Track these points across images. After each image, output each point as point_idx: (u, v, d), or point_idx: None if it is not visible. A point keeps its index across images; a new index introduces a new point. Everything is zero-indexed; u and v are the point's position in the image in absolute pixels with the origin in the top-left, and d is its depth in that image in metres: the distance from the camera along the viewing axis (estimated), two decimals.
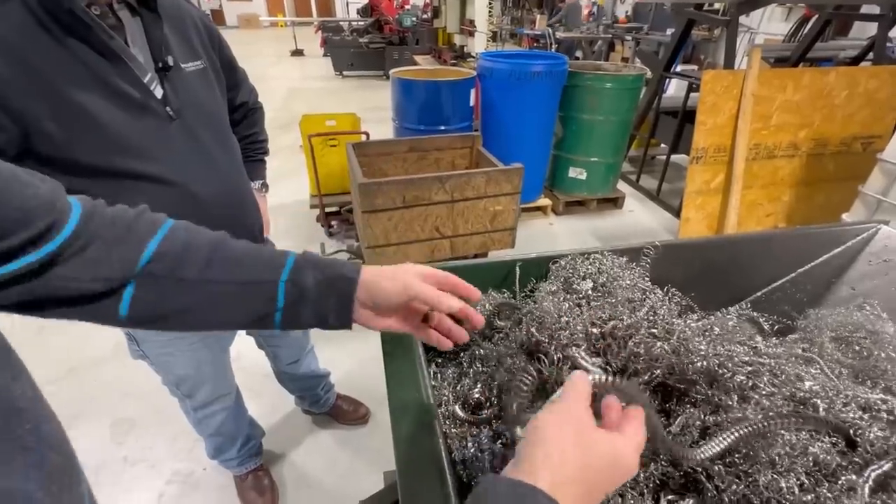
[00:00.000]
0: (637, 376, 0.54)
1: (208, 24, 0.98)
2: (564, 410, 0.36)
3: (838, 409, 0.46)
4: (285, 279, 0.47)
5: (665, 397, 0.55)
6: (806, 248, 1.10)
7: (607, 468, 0.34)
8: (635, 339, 0.55)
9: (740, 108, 2.80)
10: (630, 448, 0.35)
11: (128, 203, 0.81)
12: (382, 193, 2.03)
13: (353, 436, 1.69)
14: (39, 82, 0.71)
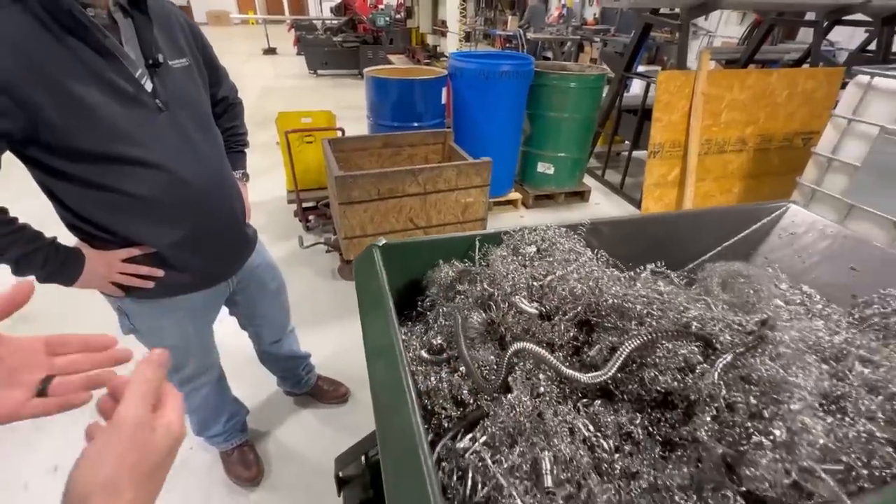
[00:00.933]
0: (560, 311, 0.67)
1: (193, 26, 1.07)
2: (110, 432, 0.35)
3: (709, 328, 0.60)
4: None
5: (588, 331, 0.69)
6: (730, 224, 1.26)
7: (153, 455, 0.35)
8: (563, 286, 0.69)
9: (692, 106, 3.01)
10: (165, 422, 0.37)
11: (125, 185, 0.90)
12: (358, 186, 2.13)
13: (334, 414, 1.79)
14: (42, 76, 0.79)
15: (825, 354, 0.64)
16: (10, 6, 0.76)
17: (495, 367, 0.67)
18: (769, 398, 0.51)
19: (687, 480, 0.52)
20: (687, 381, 0.54)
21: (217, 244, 1.10)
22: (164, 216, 0.98)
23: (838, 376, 0.62)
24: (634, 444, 0.57)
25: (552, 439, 0.55)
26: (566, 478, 0.53)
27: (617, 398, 0.61)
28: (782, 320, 0.64)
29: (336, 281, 2.60)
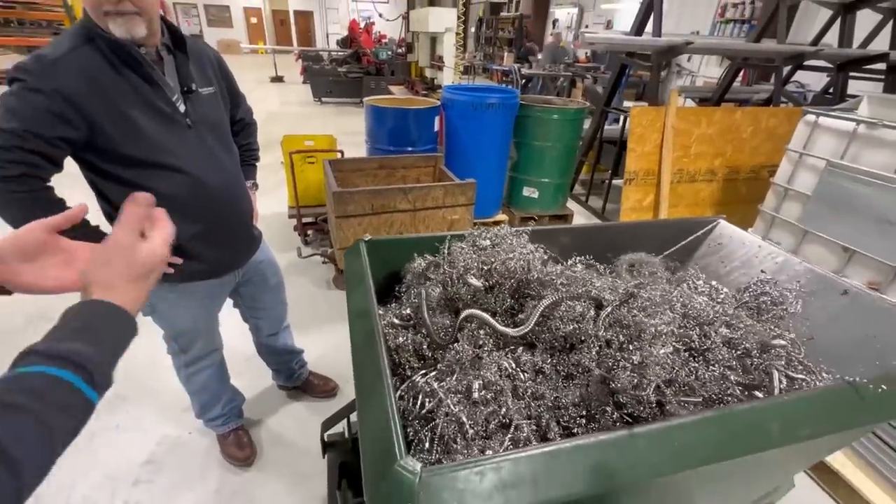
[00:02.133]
0: (501, 286, 0.87)
1: (221, 61, 1.31)
2: (107, 250, 0.52)
3: (607, 295, 0.80)
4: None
5: (520, 300, 0.89)
6: (668, 235, 1.48)
7: (136, 267, 0.52)
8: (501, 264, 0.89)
9: (664, 138, 3.29)
10: (150, 246, 0.54)
11: (158, 186, 1.10)
12: (354, 201, 2.35)
13: (323, 406, 1.94)
14: (103, 98, 1.02)
15: (700, 320, 0.84)
16: (84, 46, 1.00)
17: (450, 329, 0.87)
18: (633, 335, 0.71)
19: (578, 399, 0.71)
20: (581, 328, 0.74)
21: (228, 239, 1.31)
22: (187, 213, 1.19)
23: (707, 335, 0.82)
24: (545, 377, 0.76)
25: (482, 371, 0.74)
26: (491, 397, 0.72)
27: (537, 347, 0.80)
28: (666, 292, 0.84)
29: (330, 290, 2.79)
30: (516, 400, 0.72)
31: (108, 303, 0.49)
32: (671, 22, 8.48)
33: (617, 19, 9.78)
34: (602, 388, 0.71)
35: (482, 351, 0.81)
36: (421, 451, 0.68)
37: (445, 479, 0.56)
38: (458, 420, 0.68)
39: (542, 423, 0.71)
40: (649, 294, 0.78)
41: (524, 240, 1.08)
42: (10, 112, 0.92)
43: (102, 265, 0.52)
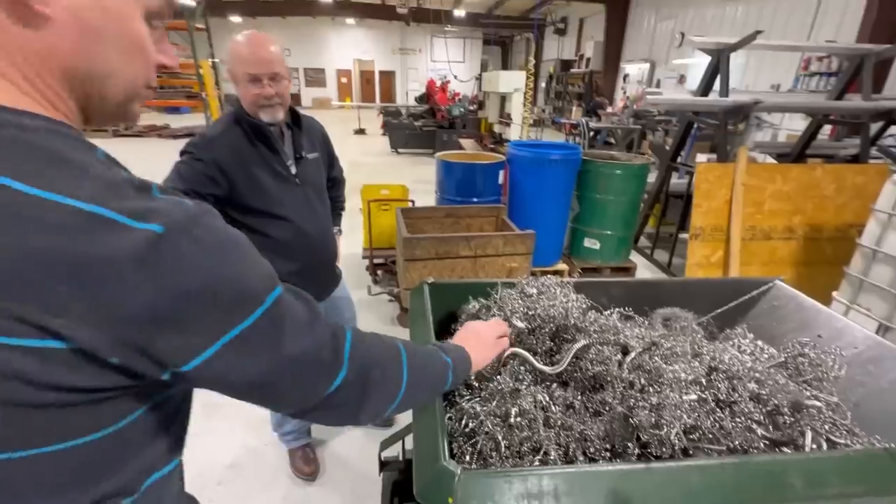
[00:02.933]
0: (542, 329, 1.00)
1: (325, 133, 1.63)
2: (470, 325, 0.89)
3: (633, 343, 0.89)
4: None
5: (558, 341, 1.00)
6: (721, 293, 1.51)
7: (483, 339, 0.85)
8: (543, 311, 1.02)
9: (733, 194, 3.23)
10: (491, 331, 0.87)
11: (270, 231, 1.39)
12: (421, 246, 2.60)
13: (379, 433, 2.09)
14: (241, 163, 1.34)
15: (729, 374, 0.90)
16: (233, 127, 1.34)
17: (495, 363, 1.01)
18: (653, 379, 0.80)
19: (603, 434, 0.81)
20: (608, 370, 0.85)
21: (317, 276, 1.57)
22: (289, 253, 1.47)
23: (734, 388, 0.88)
24: (574, 411, 0.86)
25: (520, 401, 0.87)
26: (525, 423, 0.84)
27: (569, 385, 0.91)
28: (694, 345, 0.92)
29: (395, 327, 3.01)
30: (547, 429, 0.84)
31: (465, 354, 0.82)
32: (751, 74, 8.28)
33: (690, 73, 9.72)
34: (625, 425, 0.80)
35: (521, 384, 0.94)
36: (462, 461, 0.81)
37: (479, 481, 0.69)
38: (495, 439, 0.81)
39: (570, 451, 0.81)
40: (671, 344, 0.87)
41: (568, 290, 1.21)
42: (180, 175, 1.27)
43: (473, 333, 0.89)
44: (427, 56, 19.43)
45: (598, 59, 12.91)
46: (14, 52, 0.38)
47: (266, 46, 1.26)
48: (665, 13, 10.60)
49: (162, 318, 0.38)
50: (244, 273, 0.43)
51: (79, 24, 0.40)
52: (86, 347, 0.35)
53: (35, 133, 0.37)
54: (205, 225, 0.41)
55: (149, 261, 0.36)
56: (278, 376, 0.46)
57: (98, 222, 0.35)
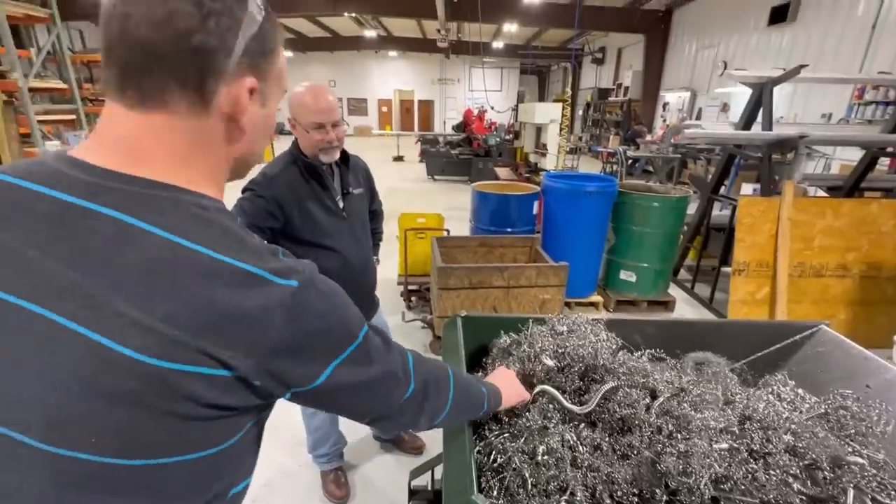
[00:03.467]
0: (571, 368, 1.03)
1: (367, 170, 1.75)
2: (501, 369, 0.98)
3: (661, 387, 0.90)
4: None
5: (587, 381, 1.02)
6: (761, 337, 1.47)
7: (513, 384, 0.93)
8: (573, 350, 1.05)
9: (779, 229, 3.12)
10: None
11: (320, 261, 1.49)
12: (455, 276, 2.66)
13: (409, 460, 2.12)
14: (296, 199, 1.46)
15: (763, 423, 0.89)
16: (290, 166, 1.47)
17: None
18: (681, 426, 0.80)
19: (631, 478, 0.82)
20: (636, 413, 0.86)
21: (359, 302, 1.64)
22: (335, 281, 1.56)
23: (769, 439, 0.87)
24: (602, 453, 0.88)
25: (548, 439, 0.89)
26: (553, 462, 0.86)
27: (597, 426, 0.93)
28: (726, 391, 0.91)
29: (427, 353, 3.05)
30: (574, 469, 0.85)
31: (497, 388, 0.92)
32: (799, 103, 8.00)
33: (734, 101, 9.49)
34: (653, 470, 0.81)
35: (549, 422, 0.96)
36: (490, 496, 0.84)
37: None
38: (522, 476, 0.83)
39: (597, 493, 0.83)
40: (700, 391, 0.87)
41: (599, 329, 1.23)
42: (243, 211, 1.40)
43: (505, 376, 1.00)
44: (465, 85, 19.98)
45: (636, 87, 12.86)
46: (213, 159, 0.53)
47: (327, 97, 1.40)
48: (707, 41, 10.49)
49: (295, 350, 0.49)
50: (347, 315, 0.56)
51: (254, 130, 0.55)
52: (242, 374, 0.46)
53: (209, 211, 0.49)
54: (319, 279, 0.53)
55: (290, 308, 0.48)
56: (370, 390, 0.59)
57: (255, 280, 0.46)
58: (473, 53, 13.33)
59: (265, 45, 0.52)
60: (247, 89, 0.51)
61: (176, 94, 0.47)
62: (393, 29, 17.28)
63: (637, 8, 11.51)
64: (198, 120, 0.49)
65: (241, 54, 0.49)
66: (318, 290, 0.51)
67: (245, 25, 0.49)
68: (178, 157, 0.49)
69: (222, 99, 0.49)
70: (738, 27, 9.40)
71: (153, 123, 0.47)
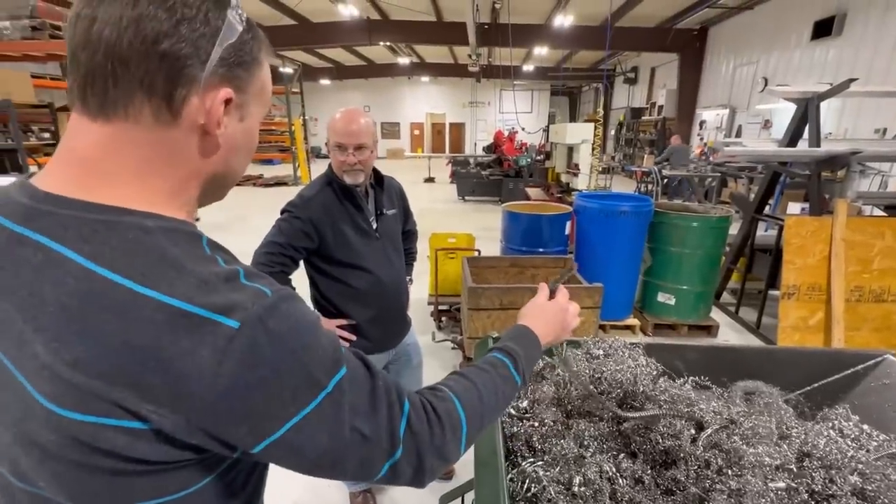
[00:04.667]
0: (609, 394, 0.98)
1: (402, 192, 1.78)
2: (532, 301, 0.85)
3: (708, 418, 0.84)
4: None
5: (627, 409, 0.97)
6: (817, 366, 1.36)
7: (551, 314, 0.82)
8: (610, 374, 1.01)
9: (832, 251, 2.93)
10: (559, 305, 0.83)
11: (351, 281, 1.51)
12: (486, 297, 2.63)
13: (439, 485, 2.07)
14: (330, 220, 1.50)
15: (825, 462, 0.82)
16: (326, 188, 1.52)
17: (552, 423, 1.00)
18: (732, 461, 0.75)
19: None
20: (680, 445, 0.80)
21: (391, 323, 1.67)
22: (367, 301, 1.58)
23: (832, 480, 0.79)
24: (643, 486, 0.82)
25: (584, 469, 0.85)
26: (590, 494, 0.82)
27: (637, 457, 0.88)
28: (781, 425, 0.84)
29: None
30: (613, 503, 0.81)
31: (530, 329, 0.77)
32: (849, 119, 7.61)
33: (777, 118, 9.14)
34: (694, 501, 0.75)
35: (587, 451, 0.92)
36: None
37: None
38: None
39: None
40: (753, 423, 0.81)
41: (637, 353, 1.18)
42: (281, 231, 1.45)
43: (538, 308, 0.84)
44: (496, 108, 20.24)
45: (671, 106, 12.62)
46: (180, 174, 0.48)
47: (357, 121, 1.44)
48: (745, 58, 10.22)
49: (234, 407, 0.41)
50: (310, 360, 0.45)
51: (230, 145, 0.51)
52: (167, 431, 0.40)
53: (151, 234, 0.43)
54: (280, 314, 0.44)
55: (225, 355, 0.39)
56: (338, 456, 0.48)
57: (185, 319, 0.39)
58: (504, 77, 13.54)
59: (244, 57, 0.49)
60: (221, 100, 0.47)
61: (141, 103, 0.43)
62: (425, 56, 17.84)
63: (670, 28, 11.41)
64: (164, 131, 0.45)
65: (216, 63, 0.46)
66: (268, 330, 0.42)
67: (223, 34, 0.46)
68: (133, 172, 0.45)
69: (194, 109, 0.45)
70: (779, 43, 9.13)
71: (114, 135, 0.44)
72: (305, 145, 13.15)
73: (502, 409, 0.69)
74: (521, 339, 0.74)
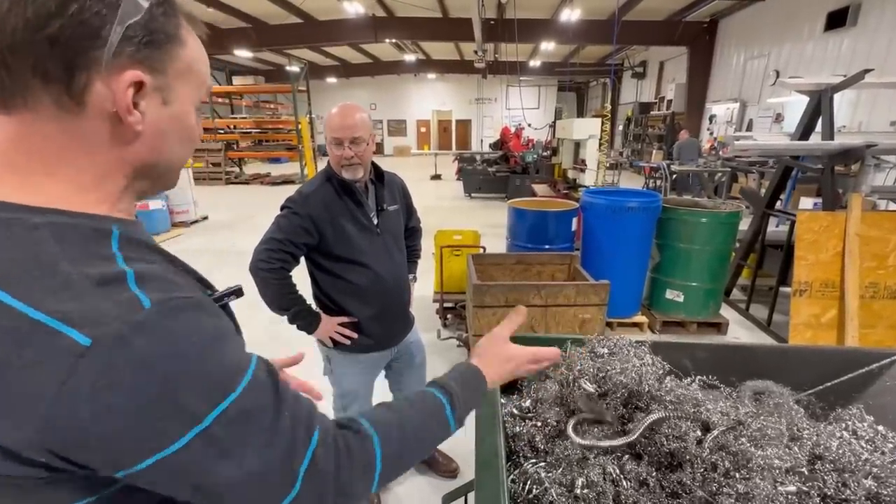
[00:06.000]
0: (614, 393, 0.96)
1: (404, 187, 1.76)
2: (496, 335, 0.81)
3: (715, 419, 0.82)
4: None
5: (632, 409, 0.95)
6: (829, 365, 1.32)
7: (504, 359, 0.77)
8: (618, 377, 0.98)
9: (846, 247, 2.86)
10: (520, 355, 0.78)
11: (351, 277, 1.50)
12: (491, 294, 2.61)
13: (443, 484, 2.06)
14: (331, 217, 1.49)
15: (838, 465, 0.79)
16: (325, 184, 1.50)
17: (555, 423, 0.98)
18: (740, 464, 0.72)
19: None
20: (686, 447, 0.78)
21: (392, 320, 1.65)
22: (368, 298, 1.57)
23: (845, 484, 0.77)
24: (648, 489, 0.80)
25: (587, 471, 0.83)
26: (593, 497, 0.80)
27: (642, 459, 0.85)
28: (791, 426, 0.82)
29: None
30: None
31: (478, 368, 0.74)
32: (863, 112, 7.44)
33: (788, 111, 8.97)
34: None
35: (590, 453, 0.90)
36: None
37: None
38: None
39: None
40: (762, 424, 0.78)
41: (643, 352, 1.15)
42: (280, 227, 1.44)
43: (496, 348, 0.79)
44: (502, 104, 20.14)
45: (680, 100, 12.45)
46: (97, 165, 0.45)
47: (352, 115, 1.43)
48: (756, 51, 10.04)
49: (82, 433, 0.37)
50: (188, 388, 0.40)
51: (156, 131, 0.47)
52: (13, 449, 0.37)
53: (35, 231, 0.40)
54: (155, 331, 0.39)
55: (70, 374, 0.35)
56: (215, 492, 0.43)
57: (30, 327, 0.36)
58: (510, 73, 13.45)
59: (156, 35, 0.45)
60: (127, 83, 0.43)
61: (39, 91, 0.40)
62: (431, 52, 17.78)
63: (679, 21, 11.24)
64: (71, 121, 0.42)
65: (118, 44, 0.42)
66: (131, 351, 0.37)
67: (122, 11, 0.41)
68: (42, 165, 0.43)
69: (100, 95, 0.42)
70: (791, 35, 8.96)
71: (19, 127, 0.41)
72: (312, 143, 13.19)
73: (428, 451, 0.65)
74: (469, 382, 0.71)
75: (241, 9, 11.24)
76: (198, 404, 0.40)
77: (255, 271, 1.45)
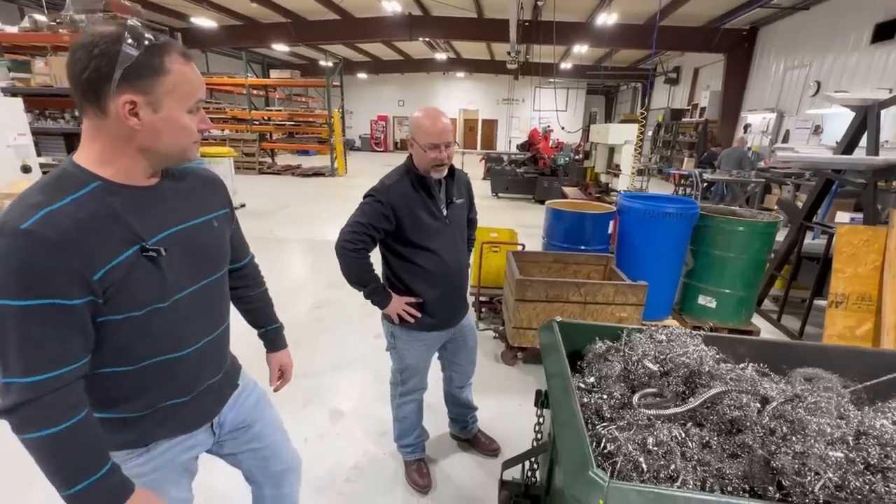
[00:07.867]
0: (676, 372, 1.09)
1: (468, 183, 1.92)
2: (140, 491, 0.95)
3: (774, 393, 0.94)
4: None
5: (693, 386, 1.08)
6: (872, 366, 1.42)
7: None
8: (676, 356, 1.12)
9: (886, 261, 2.89)
10: None
11: (420, 261, 1.66)
12: (532, 289, 2.75)
13: (485, 462, 2.22)
14: (407, 206, 1.65)
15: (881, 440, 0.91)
16: (404, 177, 1.67)
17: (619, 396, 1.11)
18: (796, 429, 0.85)
19: (741, 475, 0.88)
20: (746, 415, 0.91)
21: (453, 303, 1.81)
22: (434, 282, 1.73)
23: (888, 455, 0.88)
24: (711, 450, 0.93)
25: (656, 432, 0.97)
26: (663, 453, 0.93)
27: (704, 426, 0.98)
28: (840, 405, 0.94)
29: (497, 364, 3.14)
30: (684, 461, 0.92)
31: None
32: None
33: (828, 124, 8.79)
34: (765, 469, 0.86)
35: (656, 419, 1.03)
36: None
37: (627, 491, 0.81)
38: (636, 461, 0.91)
39: (707, 486, 0.89)
40: (816, 399, 0.90)
41: (698, 340, 1.28)
42: (364, 213, 1.62)
43: None
44: (530, 105, 20.12)
45: (714, 108, 12.27)
46: (115, 145, 0.81)
47: (442, 120, 1.59)
48: (797, 61, 9.85)
49: None
50: None
51: (151, 129, 0.80)
52: None
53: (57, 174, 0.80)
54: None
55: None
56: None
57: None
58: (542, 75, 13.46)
59: (143, 70, 0.76)
60: (123, 103, 0.75)
61: (87, 107, 0.77)
62: (462, 52, 17.89)
63: (718, 28, 11.09)
64: (102, 122, 0.78)
65: (119, 79, 0.74)
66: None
67: (120, 61, 0.73)
68: (89, 141, 0.81)
69: (114, 108, 0.76)
70: (835, 46, 8.77)
71: (86, 124, 0.80)
72: (343, 137, 13.48)
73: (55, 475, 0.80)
74: None
75: (283, 4, 11.58)
76: None
77: (340, 251, 1.63)
